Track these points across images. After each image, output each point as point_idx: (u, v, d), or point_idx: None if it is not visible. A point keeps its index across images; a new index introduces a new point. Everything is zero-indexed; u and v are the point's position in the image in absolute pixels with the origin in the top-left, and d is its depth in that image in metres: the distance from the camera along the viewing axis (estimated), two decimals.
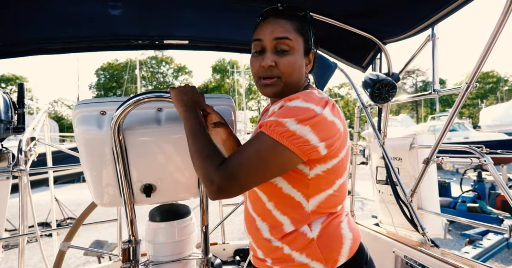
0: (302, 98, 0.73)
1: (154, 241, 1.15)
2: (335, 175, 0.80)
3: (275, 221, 0.81)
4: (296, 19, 0.84)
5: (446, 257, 1.24)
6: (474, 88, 1.12)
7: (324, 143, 0.72)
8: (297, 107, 0.72)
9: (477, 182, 6.80)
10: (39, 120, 2.11)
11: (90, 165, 0.99)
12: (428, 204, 1.70)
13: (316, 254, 0.77)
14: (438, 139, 1.30)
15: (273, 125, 0.71)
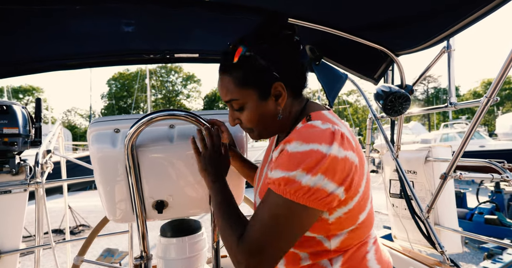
0: (301, 139, 0.65)
1: (165, 257, 1.15)
2: (358, 211, 0.72)
3: (292, 255, 0.76)
4: (236, 69, 0.74)
5: None
6: (495, 102, 1.08)
7: (342, 187, 0.64)
8: (298, 153, 0.63)
9: (495, 193, 6.56)
10: (54, 133, 2.16)
11: (103, 181, 1.00)
12: (446, 220, 1.64)
13: None
14: (456, 153, 1.26)
15: (282, 183, 0.63)
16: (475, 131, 1.16)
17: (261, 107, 0.76)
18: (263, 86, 0.75)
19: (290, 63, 0.76)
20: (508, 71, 1.00)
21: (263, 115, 0.77)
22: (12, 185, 1.60)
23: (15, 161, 1.63)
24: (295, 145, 0.65)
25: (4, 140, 1.57)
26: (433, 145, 1.72)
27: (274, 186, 0.65)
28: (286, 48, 0.75)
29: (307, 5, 1.14)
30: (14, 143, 1.59)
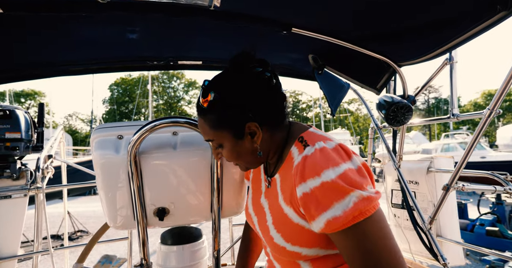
0: (330, 166, 0.63)
1: (165, 265, 1.14)
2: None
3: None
4: (208, 113, 0.75)
5: None
6: (497, 114, 1.09)
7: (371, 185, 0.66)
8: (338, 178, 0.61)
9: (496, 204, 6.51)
10: (56, 138, 2.17)
11: (105, 187, 0.99)
12: (448, 232, 1.62)
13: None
14: (459, 165, 1.26)
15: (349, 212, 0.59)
16: (477, 142, 1.16)
17: (238, 146, 0.76)
18: (236, 127, 0.74)
19: (263, 101, 0.75)
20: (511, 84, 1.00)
21: (241, 152, 0.77)
22: (12, 190, 1.59)
23: (16, 166, 1.63)
24: (328, 174, 0.62)
25: (6, 144, 1.57)
26: (435, 156, 1.72)
27: (345, 219, 0.60)
28: (257, 87, 0.74)
29: (310, 15, 1.15)
30: (16, 147, 1.59)
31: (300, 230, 0.69)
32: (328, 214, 0.60)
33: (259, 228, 0.82)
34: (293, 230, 0.69)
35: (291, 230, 0.70)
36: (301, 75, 1.88)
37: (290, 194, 0.70)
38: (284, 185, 0.75)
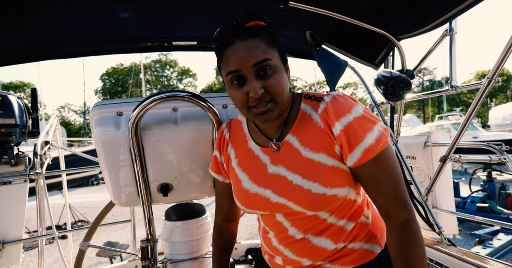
0: (354, 105, 0.74)
1: (170, 239, 1.16)
2: None
3: (338, 230, 0.79)
4: (262, 31, 0.74)
5: (463, 255, 1.22)
6: (496, 83, 1.09)
7: None
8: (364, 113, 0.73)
9: (487, 182, 6.68)
10: (51, 125, 2.14)
11: (108, 165, 0.99)
12: (443, 203, 1.67)
13: (373, 237, 0.82)
14: (456, 136, 1.28)
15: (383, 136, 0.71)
16: (476, 113, 1.17)
17: (284, 73, 0.76)
18: (282, 50, 0.77)
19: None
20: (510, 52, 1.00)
21: (286, 81, 0.76)
22: (12, 176, 1.59)
23: (14, 152, 1.61)
24: (357, 110, 0.73)
25: (1, 130, 1.55)
26: (433, 131, 1.74)
27: (378, 145, 0.70)
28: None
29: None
30: (11, 133, 1.57)
31: (335, 171, 0.74)
32: (365, 143, 0.70)
33: (279, 196, 0.78)
34: (329, 174, 0.74)
35: (328, 174, 0.74)
36: (298, 53, 1.86)
37: (321, 140, 0.75)
38: (307, 137, 0.77)
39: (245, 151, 0.87)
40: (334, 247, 0.78)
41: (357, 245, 0.79)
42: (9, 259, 1.57)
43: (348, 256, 0.79)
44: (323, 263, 0.79)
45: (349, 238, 0.79)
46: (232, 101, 0.79)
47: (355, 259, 0.79)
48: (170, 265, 1.16)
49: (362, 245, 0.80)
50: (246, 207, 0.84)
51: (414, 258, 0.69)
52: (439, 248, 1.30)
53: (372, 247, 0.80)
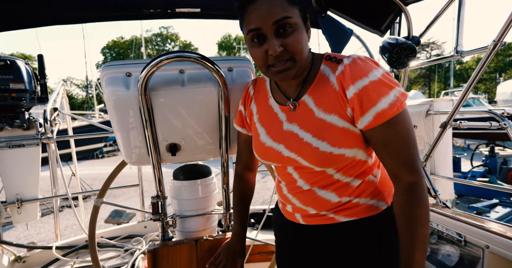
0: (373, 68, 0.73)
1: (179, 197, 1.23)
2: None
3: (343, 185, 0.83)
4: None
5: (457, 215, 1.29)
6: (503, 46, 1.08)
7: None
8: (382, 77, 0.72)
9: (489, 157, 6.73)
10: (58, 93, 2.17)
11: (119, 125, 1.04)
12: (442, 170, 1.72)
13: (380, 195, 0.85)
14: (458, 102, 1.29)
15: (397, 101, 0.70)
16: (479, 76, 1.18)
17: (304, 32, 0.76)
18: (303, 9, 0.77)
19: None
20: None
21: (305, 40, 0.76)
22: (25, 139, 1.65)
23: (25, 117, 1.66)
24: (374, 74, 0.72)
25: (12, 95, 1.59)
26: (435, 99, 1.75)
27: (391, 110, 0.70)
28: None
29: None
30: (22, 98, 1.61)
31: (344, 132, 0.76)
32: (377, 107, 0.70)
33: (290, 151, 0.83)
34: (338, 134, 0.76)
35: (337, 135, 0.76)
36: None
37: (335, 102, 0.76)
38: (322, 99, 0.79)
39: (265, 108, 0.92)
40: (338, 200, 0.83)
41: (362, 200, 0.83)
42: (28, 216, 1.68)
43: (352, 209, 0.83)
44: (327, 213, 0.85)
45: (354, 193, 0.83)
46: (253, 60, 0.81)
47: (358, 212, 0.83)
48: (179, 220, 1.24)
49: (368, 201, 0.83)
50: (262, 158, 0.91)
51: (417, 219, 0.72)
52: (434, 210, 1.37)
53: (377, 204, 0.84)
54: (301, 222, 0.90)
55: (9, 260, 1.67)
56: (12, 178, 1.65)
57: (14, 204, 1.66)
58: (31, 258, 1.75)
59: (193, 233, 1.25)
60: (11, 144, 1.63)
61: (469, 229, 1.15)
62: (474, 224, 1.14)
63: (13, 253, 1.71)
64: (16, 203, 1.66)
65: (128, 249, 1.88)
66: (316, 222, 0.87)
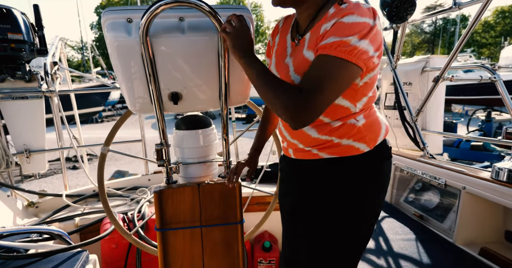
0: (356, 13, 0.75)
1: (182, 145, 1.30)
2: (374, 81, 0.89)
3: (322, 122, 0.90)
4: None
5: (442, 163, 1.38)
6: None
7: (377, 53, 0.79)
8: (355, 23, 0.74)
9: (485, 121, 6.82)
10: (56, 47, 2.16)
11: (123, 74, 1.07)
12: (432, 125, 1.79)
13: (362, 138, 0.89)
14: (450, 56, 1.32)
15: (340, 45, 0.74)
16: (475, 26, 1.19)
17: None
18: None
19: None
20: None
21: None
22: (28, 91, 1.68)
23: (26, 68, 1.68)
24: (352, 17, 0.75)
25: (11, 46, 1.59)
26: (432, 56, 1.77)
27: (328, 49, 0.75)
28: None
29: None
30: (21, 49, 1.61)
31: None
32: (335, 38, 0.75)
33: None
34: None
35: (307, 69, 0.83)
36: None
37: (316, 38, 0.82)
38: (312, 37, 0.85)
39: (282, 42, 1.00)
40: (317, 136, 0.91)
41: (344, 141, 0.89)
42: (36, 166, 1.77)
43: (334, 148, 0.90)
44: (312, 149, 0.93)
45: (334, 133, 0.89)
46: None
47: (340, 151, 0.90)
48: (182, 166, 1.33)
49: (350, 142, 0.89)
50: None
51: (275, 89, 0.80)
52: (421, 160, 1.46)
53: (359, 145, 0.90)
54: (292, 156, 1.02)
55: (22, 204, 1.80)
56: (18, 129, 1.72)
57: (22, 154, 1.75)
58: (43, 204, 1.88)
59: (195, 179, 1.35)
60: (14, 95, 1.67)
61: (449, 174, 1.25)
62: (454, 169, 1.23)
63: (26, 198, 1.83)
64: (24, 153, 1.74)
65: (134, 198, 2.01)
66: (303, 157, 0.97)
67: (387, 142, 0.96)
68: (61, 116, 1.89)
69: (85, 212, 1.81)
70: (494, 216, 1.21)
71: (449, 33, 33.30)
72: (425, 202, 1.44)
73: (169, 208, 1.24)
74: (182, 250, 1.24)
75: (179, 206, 1.26)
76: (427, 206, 1.41)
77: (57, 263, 1.22)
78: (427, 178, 1.39)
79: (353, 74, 0.78)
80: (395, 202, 1.67)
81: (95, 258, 1.33)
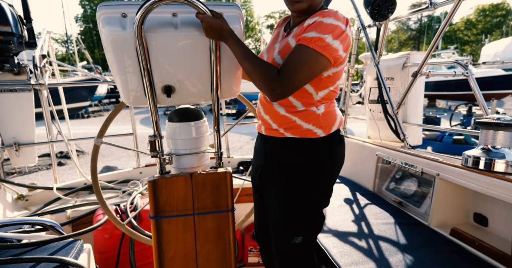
0: (333, 17, 0.96)
1: (174, 137, 1.35)
2: (337, 77, 1.09)
3: (290, 104, 1.10)
4: None
5: (420, 153, 1.48)
6: None
7: (344, 53, 0.99)
8: (331, 24, 0.95)
9: (466, 116, 7.09)
10: (44, 40, 2.14)
11: (117, 67, 1.10)
12: (412, 118, 1.90)
13: (319, 124, 1.09)
14: (427, 52, 1.41)
15: (317, 40, 0.94)
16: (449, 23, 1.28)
17: None
18: None
19: None
20: None
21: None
22: (17, 84, 1.68)
23: (15, 61, 1.67)
24: (330, 20, 0.96)
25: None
26: (412, 52, 1.86)
27: (308, 42, 0.95)
28: None
29: None
30: (9, 41, 1.60)
31: None
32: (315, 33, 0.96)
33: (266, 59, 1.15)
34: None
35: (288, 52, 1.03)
36: None
37: (300, 30, 1.02)
38: (298, 30, 1.06)
39: (277, 33, 1.24)
40: (284, 113, 1.11)
41: (305, 124, 1.09)
42: (26, 158, 1.78)
43: (297, 129, 1.10)
44: (279, 128, 1.13)
45: (297, 114, 1.09)
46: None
47: (301, 133, 1.10)
48: (175, 157, 1.37)
49: (310, 127, 1.09)
50: None
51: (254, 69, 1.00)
52: (401, 150, 1.56)
53: (317, 130, 1.09)
54: (263, 133, 1.21)
55: (12, 197, 1.81)
56: (7, 122, 1.72)
57: (12, 147, 1.75)
58: (33, 197, 1.89)
59: (188, 169, 1.40)
60: (3, 88, 1.66)
61: (425, 162, 1.35)
62: (429, 158, 1.33)
63: (15, 191, 1.84)
64: (14, 146, 1.75)
65: (126, 191, 2.04)
66: (271, 134, 1.17)
67: (340, 131, 1.17)
68: (50, 110, 1.90)
69: (76, 205, 1.84)
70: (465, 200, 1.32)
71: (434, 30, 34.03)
72: (404, 189, 1.54)
73: (163, 197, 1.29)
74: (175, 238, 1.30)
75: (173, 195, 1.31)
76: (406, 193, 1.51)
77: (51, 251, 1.25)
78: (406, 167, 1.49)
79: (323, 65, 0.97)
80: (378, 190, 1.77)
81: (89, 247, 1.37)
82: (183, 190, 1.32)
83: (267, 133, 1.19)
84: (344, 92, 2.32)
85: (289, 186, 1.13)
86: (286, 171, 1.13)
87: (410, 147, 1.61)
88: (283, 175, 1.14)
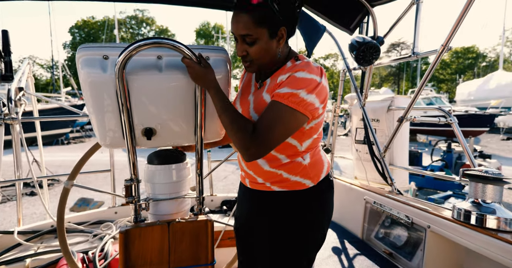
0: (306, 70, 0.92)
1: (153, 181, 1.26)
2: (319, 125, 1.05)
3: (273, 158, 1.04)
4: (255, 10, 0.91)
5: (408, 200, 1.44)
6: (449, 50, 1.23)
7: (322, 105, 0.95)
8: (304, 79, 0.91)
9: (446, 152, 7.29)
10: (23, 72, 2.08)
11: (94, 108, 1.04)
12: (399, 161, 1.89)
13: (307, 174, 1.04)
14: (412, 99, 1.43)
15: (290, 96, 0.90)
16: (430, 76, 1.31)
17: (268, 45, 0.96)
18: (273, 27, 0.94)
19: (294, 13, 0.96)
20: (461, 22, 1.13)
21: (267, 51, 0.97)
22: None
23: None
24: (302, 74, 0.92)
25: None
26: (396, 96, 1.90)
27: (281, 98, 0.91)
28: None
29: None
30: None
31: None
32: (288, 89, 0.91)
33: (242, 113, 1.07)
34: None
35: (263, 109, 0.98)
36: None
37: (274, 85, 0.98)
38: (271, 83, 1.01)
39: (249, 80, 1.17)
40: (268, 169, 1.04)
41: (292, 177, 1.03)
42: None
43: (284, 182, 1.04)
44: (266, 183, 1.07)
45: (282, 167, 1.03)
46: None
47: (289, 186, 1.04)
48: (152, 203, 1.27)
49: (297, 179, 1.04)
50: None
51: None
52: (389, 196, 1.51)
53: (305, 181, 1.04)
54: (248, 186, 1.14)
55: None
56: None
57: None
58: None
59: (166, 216, 1.29)
60: None
61: (415, 212, 1.30)
62: (419, 207, 1.29)
63: None
64: None
65: (97, 234, 1.88)
66: (257, 188, 1.10)
67: (330, 176, 1.12)
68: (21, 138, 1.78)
69: (38, 252, 1.65)
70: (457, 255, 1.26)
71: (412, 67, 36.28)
72: (394, 239, 1.47)
73: (135, 249, 1.17)
74: None
75: (146, 247, 1.19)
76: (396, 243, 1.44)
77: None
78: (395, 215, 1.44)
79: (300, 121, 0.93)
80: (367, 238, 1.69)
81: None
82: (159, 241, 1.20)
83: (253, 187, 1.12)
84: (330, 131, 2.32)
85: (278, 239, 1.05)
86: (274, 223, 1.06)
87: (398, 193, 1.57)
88: (271, 228, 1.07)
